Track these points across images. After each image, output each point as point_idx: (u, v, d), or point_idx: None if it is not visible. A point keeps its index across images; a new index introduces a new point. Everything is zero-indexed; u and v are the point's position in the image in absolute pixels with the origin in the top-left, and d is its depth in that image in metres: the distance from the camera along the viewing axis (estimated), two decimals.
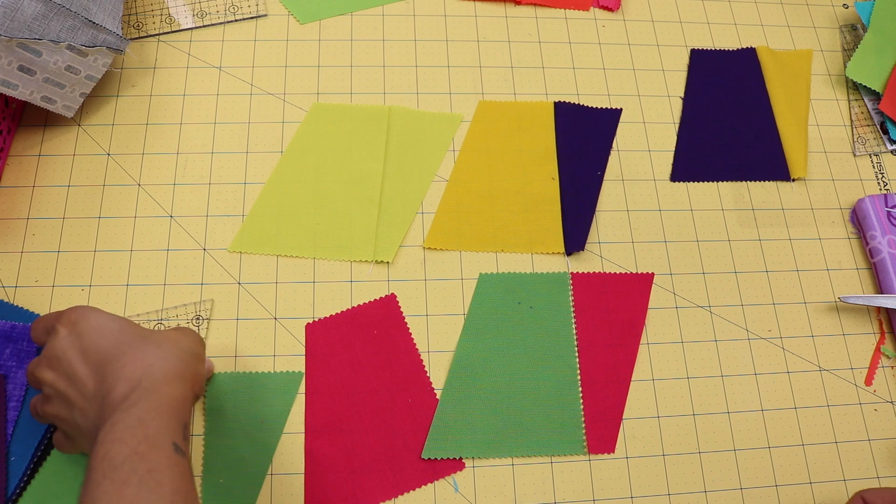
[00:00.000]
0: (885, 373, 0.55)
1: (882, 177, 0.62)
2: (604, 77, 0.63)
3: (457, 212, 0.57)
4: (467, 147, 0.59)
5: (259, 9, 0.62)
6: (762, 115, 0.63)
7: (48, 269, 0.52)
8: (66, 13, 0.50)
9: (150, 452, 0.35)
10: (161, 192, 0.55)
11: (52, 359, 0.40)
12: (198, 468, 0.48)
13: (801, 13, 0.69)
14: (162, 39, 0.61)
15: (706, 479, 0.51)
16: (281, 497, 0.47)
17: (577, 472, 0.50)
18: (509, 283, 0.55)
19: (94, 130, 0.57)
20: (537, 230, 0.56)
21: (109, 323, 0.41)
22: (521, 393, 0.51)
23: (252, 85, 0.60)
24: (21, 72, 0.49)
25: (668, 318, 0.55)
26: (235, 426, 0.49)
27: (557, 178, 0.58)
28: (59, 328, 0.40)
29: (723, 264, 0.57)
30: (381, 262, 0.54)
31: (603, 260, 0.56)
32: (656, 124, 0.62)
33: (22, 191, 0.54)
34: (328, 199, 0.56)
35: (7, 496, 0.44)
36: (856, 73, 0.64)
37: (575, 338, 0.53)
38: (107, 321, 0.41)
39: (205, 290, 0.52)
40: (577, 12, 0.66)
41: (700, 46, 0.66)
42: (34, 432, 0.46)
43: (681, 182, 0.60)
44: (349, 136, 0.58)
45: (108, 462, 0.34)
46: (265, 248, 0.54)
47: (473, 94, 0.61)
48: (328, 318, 0.52)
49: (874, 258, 0.58)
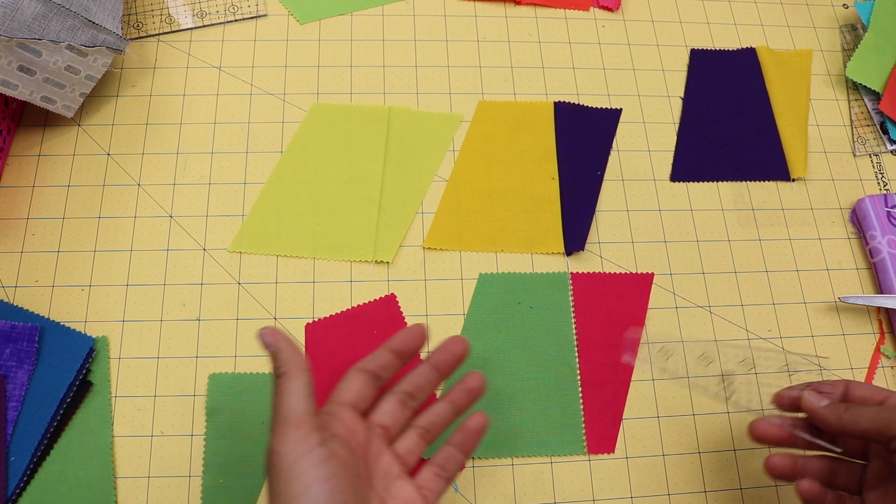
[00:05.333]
0: (885, 373, 0.55)
1: (882, 177, 0.62)
2: (604, 77, 0.63)
3: (457, 212, 0.57)
4: (467, 147, 0.59)
5: (259, 9, 0.62)
6: (762, 115, 0.63)
7: (48, 269, 0.52)
8: (66, 13, 0.50)
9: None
10: (161, 192, 0.55)
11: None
12: (198, 468, 0.48)
13: (801, 13, 0.69)
14: (162, 39, 0.61)
15: (706, 479, 0.51)
16: None
17: (577, 472, 0.50)
18: (509, 283, 0.55)
19: (94, 130, 0.57)
20: (537, 230, 0.56)
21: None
22: (521, 393, 0.51)
23: (252, 85, 0.60)
24: (21, 72, 0.49)
25: (668, 318, 0.55)
26: (235, 426, 0.49)
27: (557, 178, 0.58)
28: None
29: (723, 264, 0.57)
30: (381, 262, 0.54)
31: (603, 260, 0.56)
32: (656, 124, 0.62)
33: (22, 191, 0.54)
34: (328, 199, 0.56)
35: (7, 496, 0.44)
36: (856, 73, 0.64)
37: (575, 338, 0.53)
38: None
39: (205, 289, 0.52)
40: (577, 12, 0.66)
41: (700, 46, 0.66)
42: (34, 432, 0.46)
43: (681, 182, 0.60)
44: (349, 136, 0.58)
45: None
46: (265, 248, 0.54)
47: (473, 94, 0.61)
48: (328, 318, 0.52)
49: (874, 258, 0.58)
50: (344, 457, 0.36)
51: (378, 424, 0.40)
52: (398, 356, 0.41)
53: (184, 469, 0.48)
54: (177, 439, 0.48)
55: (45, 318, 0.50)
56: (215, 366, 0.50)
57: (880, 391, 0.41)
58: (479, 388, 0.42)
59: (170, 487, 0.47)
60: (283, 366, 0.37)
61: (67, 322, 0.50)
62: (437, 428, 0.42)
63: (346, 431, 0.38)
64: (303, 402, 0.36)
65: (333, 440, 0.36)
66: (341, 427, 0.38)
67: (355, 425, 0.39)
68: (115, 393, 0.49)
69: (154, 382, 0.50)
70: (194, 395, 0.49)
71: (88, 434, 0.47)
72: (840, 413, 0.40)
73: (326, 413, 0.39)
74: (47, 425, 0.46)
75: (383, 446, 0.40)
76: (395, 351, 0.41)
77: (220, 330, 0.51)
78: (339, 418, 0.38)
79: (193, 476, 0.47)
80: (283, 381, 0.37)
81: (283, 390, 0.36)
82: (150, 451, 0.48)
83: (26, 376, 0.47)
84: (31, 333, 0.48)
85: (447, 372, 0.42)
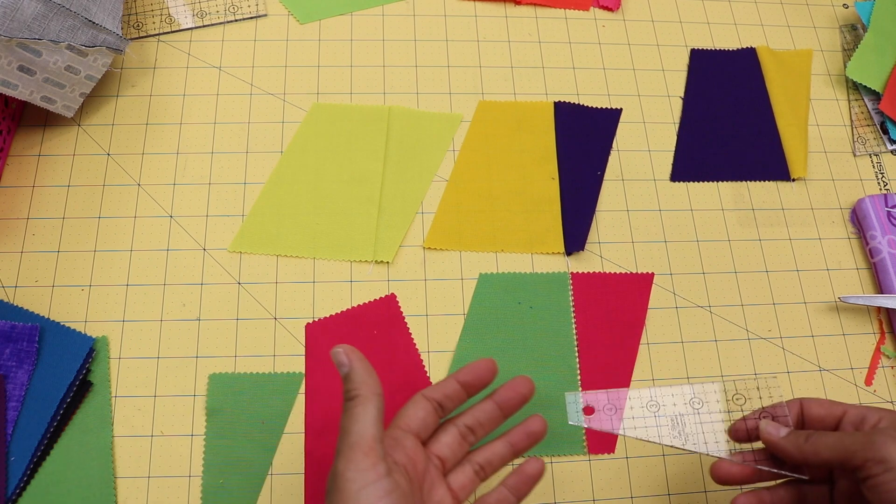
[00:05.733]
0: (886, 373, 0.55)
1: (882, 177, 0.62)
2: (604, 77, 0.63)
3: (457, 212, 0.57)
4: (467, 147, 0.59)
5: (259, 9, 0.62)
6: (762, 115, 0.63)
7: (48, 269, 0.52)
8: (66, 13, 0.50)
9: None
10: (161, 192, 0.55)
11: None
12: (198, 468, 0.48)
13: (801, 13, 0.69)
14: (162, 39, 0.61)
15: (706, 479, 0.51)
16: (281, 497, 0.47)
17: (577, 472, 0.50)
18: (509, 283, 0.55)
19: (94, 130, 0.57)
20: (537, 230, 0.56)
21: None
22: None
23: (252, 85, 0.60)
24: (21, 72, 0.49)
25: (668, 318, 0.55)
26: (235, 426, 0.49)
27: (557, 178, 0.58)
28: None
29: (723, 264, 0.57)
30: (381, 262, 0.54)
31: (603, 260, 0.56)
32: (656, 124, 0.62)
33: (22, 191, 0.54)
34: (328, 199, 0.56)
35: (7, 496, 0.44)
36: (856, 73, 0.64)
37: (575, 338, 0.53)
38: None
39: (205, 289, 0.52)
40: (577, 12, 0.66)
41: (700, 46, 0.66)
42: (34, 432, 0.46)
43: (681, 182, 0.60)
44: (349, 136, 0.58)
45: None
46: (265, 248, 0.54)
47: (473, 94, 0.61)
48: (328, 318, 0.52)
49: (874, 258, 0.58)
50: (405, 488, 0.36)
51: (436, 455, 0.40)
52: (465, 389, 0.41)
53: (184, 469, 0.48)
54: (177, 439, 0.48)
55: (45, 318, 0.50)
56: (215, 366, 0.50)
57: (837, 406, 0.40)
58: (541, 433, 0.42)
59: (170, 487, 0.47)
60: (355, 388, 0.36)
61: (67, 322, 0.50)
62: (492, 467, 0.42)
63: (408, 460, 0.38)
64: (373, 428, 0.35)
65: (396, 469, 0.36)
66: (403, 455, 0.38)
67: (416, 455, 0.39)
68: (115, 393, 0.49)
69: (154, 382, 0.50)
70: (194, 395, 0.49)
71: (88, 434, 0.47)
72: (800, 444, 0.38)
73: (391, 438, 0.39)
74: (47, 425, 0.46)
75: (439, 478, 0.40)
76: (463, 383, 0.41)
77: (220, 330, 0.51)
78: (402, 446, 0.38)
79: (193, 476, 0.47)
80: (356, 405, 0.36)
81: (355, 415, 0.36)
82: (150, 451, 0.48)
83: (26, 376, 0.47)
84: (31, 333, 0.48)
85: (510, 412, 0.42)
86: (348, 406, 0.36)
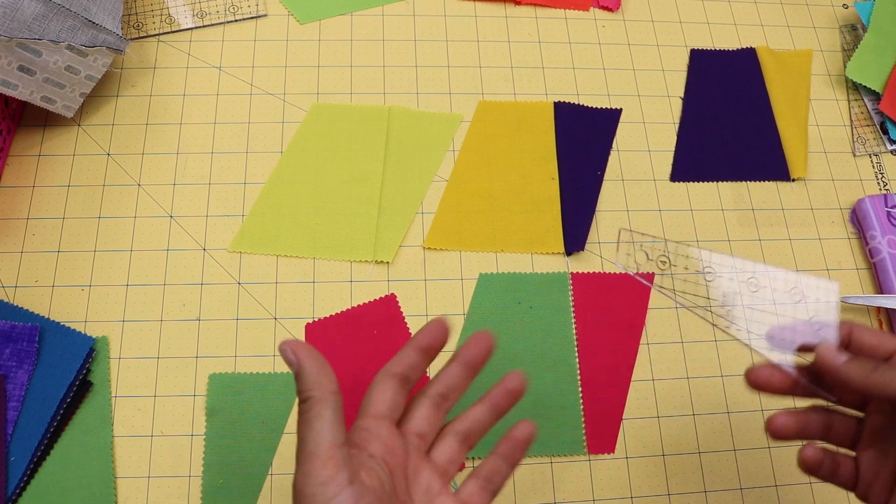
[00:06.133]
0: None
1: (882, 177, 0.62)
2: (604, 77, 0.63)
3: (457, 212, 0.57)
4: (467, 147, 0.59)
5: (259, 9, 0.62)
6: (762, 115, 0.63)
7: (48, 269, 0.52)
8: (66, 13, 0.50)
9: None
10: (161, 192, 0.55)
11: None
12: (198, 468, 0.48)
13: (801, 13, 0.69)
14: (162, 39, 0.61)
15: (706, 479, 0.51)
16: (281, 497, 0.47)
17: (577, 472, 0.50)
18: (509, 283, 0.55)
19: (94, 130, 0.57)
20: (537, 230, 0.56)
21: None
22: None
23: (252, 85, 0.60)
24: (21, 72, 0.49)
25: (668, 318, 0.55)
26: (235, 426, 0.49)
27: (557, 178, 0.58)
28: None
29: None
30: (381, 262, 0.54)
31: (603, 260, 0.56)
32: (656, 124, 0.62)
33: (22, 191, 0.54)
34: (328, 199, 0.56)
35: (7, 496, 0.44)
36: (856, 73, 0.64)
37: (575, 338, 0.53)
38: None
39: (205, 289, 0.52)
40: (577, 12, 0.66)
41: (700, 46, 0.66)
42: (34, 432, 0.46)
43: (681, 182, 0.60)
44: (349, 136, 0.58)
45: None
46: (265, 248, 0.54)
47: (473, 94, 0.61)
48: (328, 318, 0.52)
49: (874, 258, 0.58)
50: (378, 489, 0.32)
51: (414, 433, 0.37)
52: (425, 354, 0.38)
53: (184, 469, 0.48)
54: (177, 439, 0.48)
55: (45, 318, 0.50)
56: (215, 366, 0.50)
57: (890, 340, 0.35)
58: (520, 390, 0.39)
59: (170, 487, 0.47)
60: (307, 390, 0.32)
61: (67, 322, 0.50)
62: (476, 434, 0.39)
63: (385, 449, 0.35)
64: (329, 434, 0.32)
65: (368, 467, 0.33)
66: (379, 445, 0.34)
67: (394, 441, 0.35)
68: (115, 393, 0.49)
69: (154, 382, 0.50)
70: (194, 395, 0.49)
71: (88, 434, 0.47)
72: (867, 374, 0.34)
73: (361, 429, 0.35)
74: (47, 425, 0.46)
75: (422, 460, 0.37)
76: (422, 349, 0.37)
77: (220, 330, 0.51)
78: (376, 435, 0.35)
79: (193, 476, 0.47)
80: (308, 409, 0.32)
81: (308, 420, 0.32)
82: (150, 451, 0.48)
83: (26, 376, 0.47)
84: (31, 333, 0.48)
85: (478, 367, 0.39)
86: (301, 410, 0.32)
